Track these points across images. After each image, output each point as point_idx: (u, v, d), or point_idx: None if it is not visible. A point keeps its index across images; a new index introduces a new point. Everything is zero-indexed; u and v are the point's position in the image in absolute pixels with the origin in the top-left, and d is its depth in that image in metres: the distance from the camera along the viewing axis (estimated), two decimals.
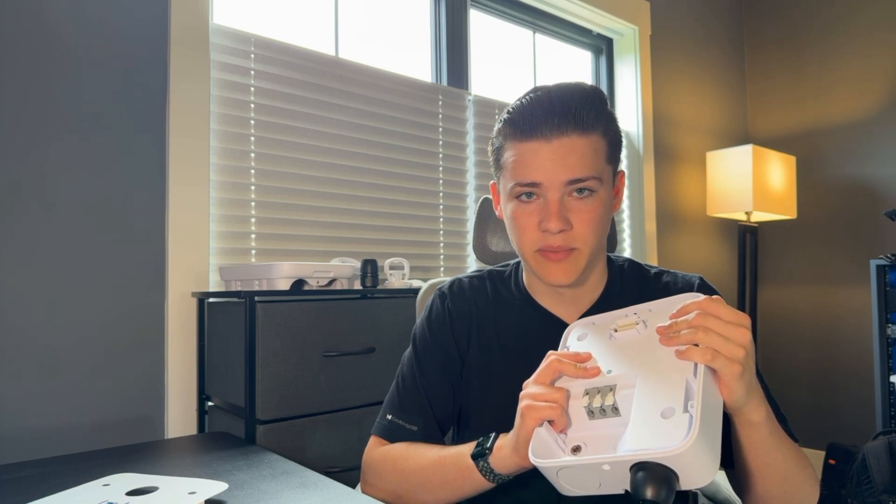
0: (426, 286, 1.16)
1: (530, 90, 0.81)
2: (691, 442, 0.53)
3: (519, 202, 0.80)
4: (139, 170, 1.37)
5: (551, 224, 0.76)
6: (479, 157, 2.08)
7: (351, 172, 1.75)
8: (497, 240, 1.28)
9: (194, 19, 1.45)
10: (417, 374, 0.89)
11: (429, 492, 0.79)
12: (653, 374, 0.63)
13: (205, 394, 1.40)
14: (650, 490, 0.53)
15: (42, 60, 1.26)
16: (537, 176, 0.77)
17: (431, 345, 0.90)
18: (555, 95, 0.77)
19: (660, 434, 0.57)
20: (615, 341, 0.71)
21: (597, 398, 0.64)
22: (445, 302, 0.92)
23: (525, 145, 0.77)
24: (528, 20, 2.34)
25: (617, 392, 0.63)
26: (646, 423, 0.59)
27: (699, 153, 2.82)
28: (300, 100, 1.65)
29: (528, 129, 0.77)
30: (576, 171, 0.76)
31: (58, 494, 0.73)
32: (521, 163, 0.78)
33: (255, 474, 0.85)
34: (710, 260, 2.86)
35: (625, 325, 0.71)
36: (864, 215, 2.69)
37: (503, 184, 0.82)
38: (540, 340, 0.85)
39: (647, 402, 0.61)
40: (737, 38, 3.09)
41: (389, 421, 0.88)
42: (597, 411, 0.63)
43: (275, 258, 1.59)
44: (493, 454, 0.72)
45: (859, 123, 2.72)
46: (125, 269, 1.34)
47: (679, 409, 0.58)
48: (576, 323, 0.78)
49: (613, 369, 0.66)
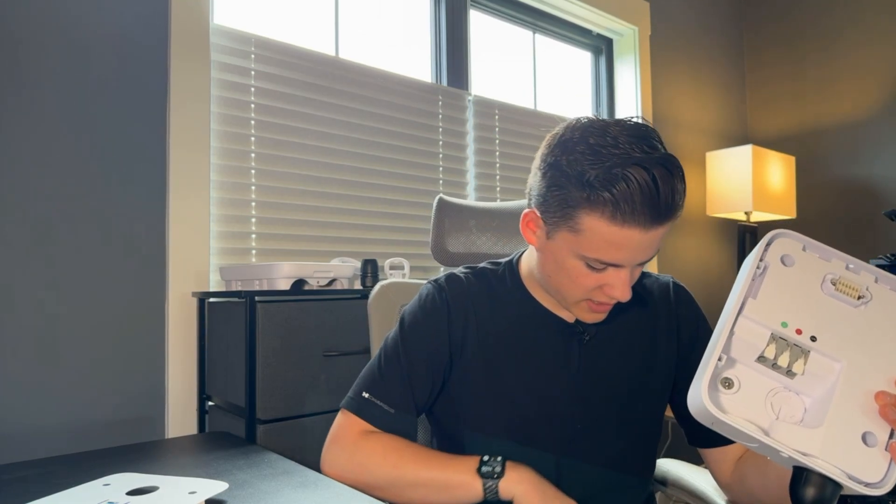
0: (377, 288, 1.10)
1: (618, 152, 0.71)
2: (883, 490, 0.50)
3: (586, 266, 0.77)
4: (140, 170, 1.37)
5: (620, 295, 0.77)
6: (479, 158, 2.08)
7: (351, 172, 1.75)
8: (454, 241, 1.25)
9: (194, 19, 1.45)
10: (403, 357, 0.86)
11: (415, 492, 0.80)
12: (861, 373, 0.55)
13: (205, 393, 1.40)
14: (811, 497, 0.52)
15: (42, 60, 1.26)
16: (623, 260, 0.75)
17: (422, 331, 0.87)
18: (662, 186, 0.70)
19: (854, 456, 0.52)
20: (827, 297, 0.59)
21: (784, 355, 0.56)
22: (443, 294, 0.89)
23: (620, 231, 0.72)
24: (528, 20, 2.34)
25: (808, 361, 0.56)
26: (843, 433, 0.53)
27: (699, 153, 2.82)
28: (300, 100, 1.65)
29: (629, 219, 0.71)
30: (654, 252, 0.77)
31: (58, 494, 0.73)
32: (610, 245, 0.73)
33: (256, 474, 0.85)
34: (710, 260, 2.87)
35: (850, 286, 0.58)
36: (863, 215, 2.70)
37: (567, 241, 0.77)
38: (539, 337, 0.86)
39: (848, 406, 0.54)
40: (737, 38, 3.09)
41: (366, 399, 0.85)
42: (770, 364, 0.56)
43: (275, 258, 1.59)
44: (506, 479, 0.77)
45: (859, 123, 2.72)
46: (125, 269, 1.34)
47: (882, 441, 0.53)
48: (783, 232, 0.63)
49: (818, 335, 0.57)
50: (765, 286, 0.60)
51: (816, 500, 0.52)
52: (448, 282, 0.90)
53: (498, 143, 2.13)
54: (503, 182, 2.14)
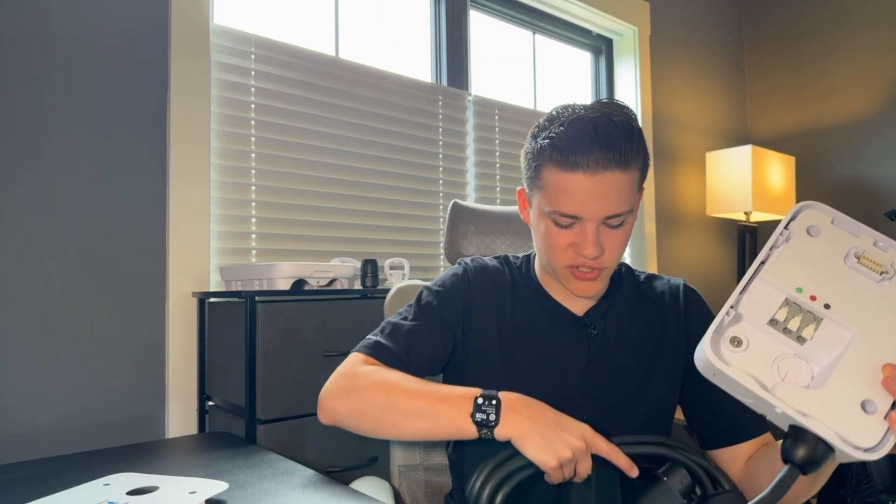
0: (393, 290, 1.14)
1: (570, 112, 0.81)
2: (877, 455, 0.50)
3: (554, 224, 0.82)
4: (140, 170, 1.37)
5: (588, 251, 0.80)
6: (479, 158, 2.08)
7: (351, 172, 1.75)
8: (468, 245, 1.27)
9: (194, 19, 1.45)
10: (418, 315, 0.89)
11: (406, 422, 0.76)
12: (871, 344, 0.55)
13: (205, 393, 1.40)
14: (802, 455, 0.52)
15: (43, 61, 1.26)
16: (578, 209, 0.79)
17: (441, 297, 0.90)
18: (600, 128, 0.77)
19: (850, 421, 0.52)
20: (848, 269, 0.59)
21: (795, 319, 0.57)
22: (468, 272, 0.94)
23: (567, 176, 0.78)
24: (528, 21, 2.34)
25: (819, 327, 0.56)
26: (842, 398, 0.53)
27: (699, 153, 2.82)
28: (300, 100, 1.65)
29: (572, 160, 0.77)
30: (614, 206, 0.79)
31: (58, 494, 0.73)
32: (563, 193, 0.79)
33: (256, 474, 0.85)
34: (710, 260, 2.87)
35: (874, 261, 0.58)
36: (863, 215, 2.69)
37: (538, 201, 0.84)
38: (550, 329, 0.90)
39: (851, 372, 0.54)
40: (736, 38, 3.09)
41: (373, 340, 0.87)
42: (781, 328, 0.57)
43: (275, 258, 1.59)
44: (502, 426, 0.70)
45: (859, 123, 2.72)
46: (126, 269, 1.34)
47: (882, 411, 0.53)
48: (812, 204, 0.63)
49: (832, 303, 0.57)
50: (785, 252, 0.60)
51: (806, 460, 0.52)
52: (475, 264, 0.96)
53: (498, 143, 2.14)
54: (503, 182, 2.14)
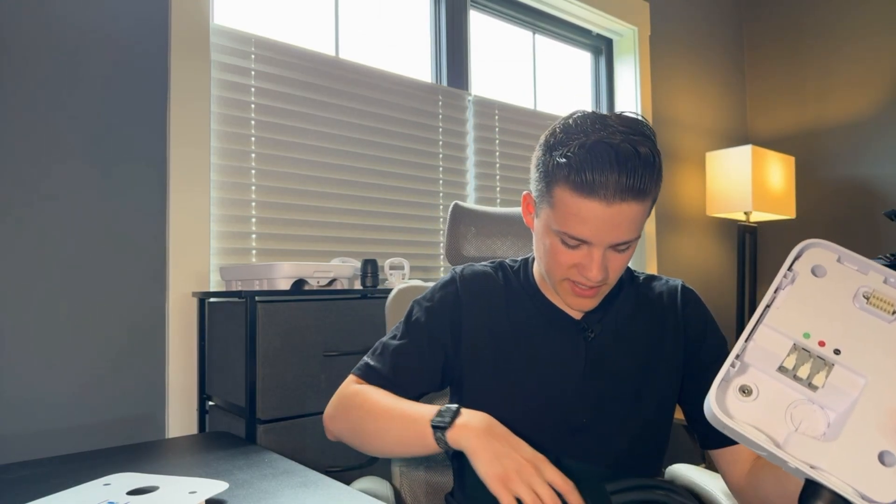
0: (395, 291, 1.15)
1: (590, 128, 0.76)
2: None
3: (561, 243, 0.80)
4: (140, 170, 1.37)
5: (592, 275, 0.79)
6: (479, 158, 2.08)
7: (351, 172, 1.75)
8: (469, 246, 1.27)
9: (194, 20, 1.45)
10: (406, 337, 0.91)
11: (380, 439, 0.80)
12: (886, 391, 0.53)
13: (205, 393, 1.40)
14: None
15: (42, 61, 1.26)
16: (589, 236, 0.77)
17: (427, 315, 0.92)
18: (622, 156, 0.73)
19: (868, 475, 0.50)
20: (858, 310, 0.56)
21: (804, 367, 0.55)
22: (455, 285, 0.93)
23: (582, 202, 0.75)
24: (528, 21, 2.34)
25: (830, 374, 0.54)
26: (858, 450, 0.51)
27: (698, 153, 2.82)
28: (300, 100, 1.65)
29: (589, 188, 0.74)
30: (625, 235, 0.78)
31: (58, 494, 0.73)
32: (574, 217, 0.76)
33: (256, 474, 0.86)
34: (710, 260, 2.87)
35: (884, 300, 0.56)
36: (863, 215, 2.70)
37: (546, 215, 0.81)
38: (547, 332, 0.89)
39: (867, 421, 0.52)
40: (736, 38, 3.09)
41: (365, 362, 0.92)
42: (790, 375, 0.55)
43: (275, 258, 1.59)
44: (453, 429, 0.72)
45: (859, 124, 2.72)
46: (126, 269, 1.34)
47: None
48: (816, 242, 0.60)
49: (842, 348, 0.55)
50: (790, 295, 0.58)
51: None
52: (466, 272, 0.95)
53: (498, 144, 2.14)
54: (503, 182, 2.15)
